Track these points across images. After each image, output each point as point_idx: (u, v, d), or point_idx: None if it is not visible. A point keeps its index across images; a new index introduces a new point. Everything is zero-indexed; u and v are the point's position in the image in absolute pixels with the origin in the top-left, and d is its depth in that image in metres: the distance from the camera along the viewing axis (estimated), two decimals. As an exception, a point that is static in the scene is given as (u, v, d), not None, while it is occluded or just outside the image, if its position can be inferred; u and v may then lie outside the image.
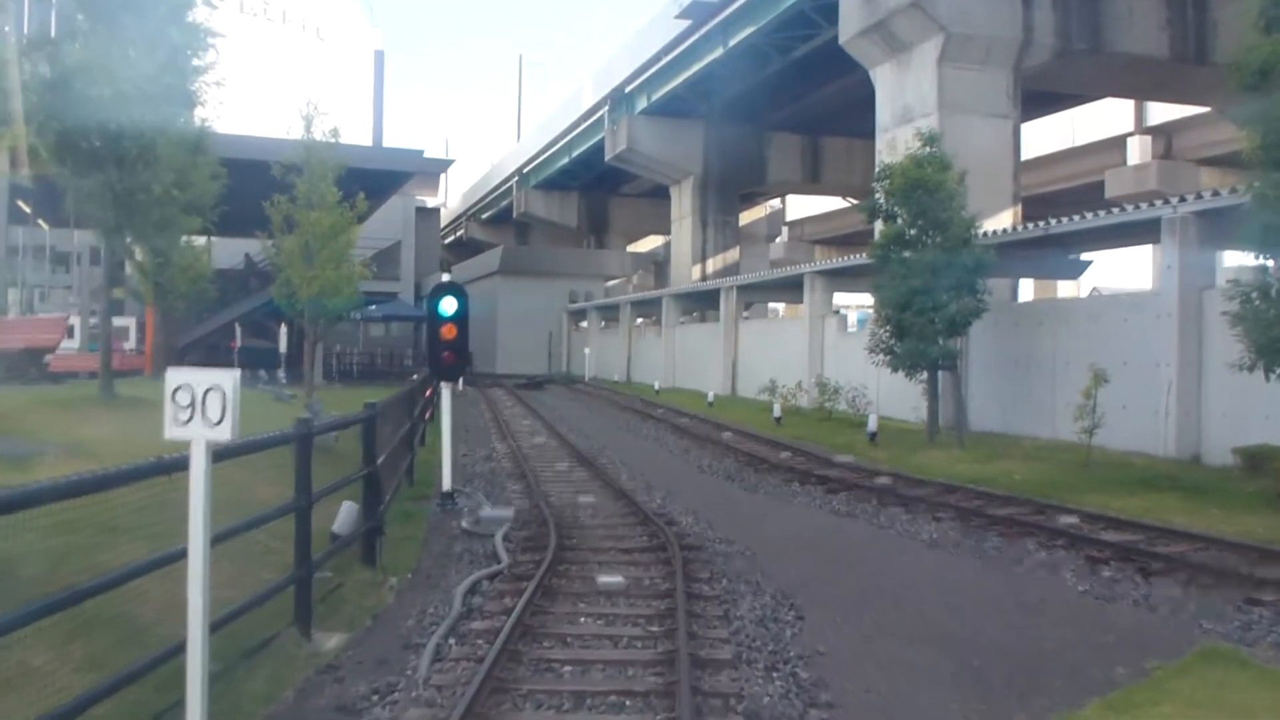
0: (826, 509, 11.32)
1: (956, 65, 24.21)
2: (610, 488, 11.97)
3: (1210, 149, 37.73)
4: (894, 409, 22.24)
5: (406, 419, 12.51)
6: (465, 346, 11.39)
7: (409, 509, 10.87)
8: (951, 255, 17.11)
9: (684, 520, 10.15)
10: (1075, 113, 40.40)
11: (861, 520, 10.65)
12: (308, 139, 23.91)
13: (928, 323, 17.10)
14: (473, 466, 14.63)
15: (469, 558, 8.49)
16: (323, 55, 64.81)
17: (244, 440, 5.11)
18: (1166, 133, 38.54)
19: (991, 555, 8.82)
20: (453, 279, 11.45)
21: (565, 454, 15.86)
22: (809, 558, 8.72)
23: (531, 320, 53.94)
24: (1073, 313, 18.65)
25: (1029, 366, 19.34)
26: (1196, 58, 26.32)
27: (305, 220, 23.38)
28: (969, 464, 15.50)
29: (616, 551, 8.40)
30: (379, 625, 6.51)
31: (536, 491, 11.40)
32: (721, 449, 17.11)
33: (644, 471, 14.26)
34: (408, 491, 12.09)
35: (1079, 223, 17.81)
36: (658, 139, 45.10)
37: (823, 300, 27.72)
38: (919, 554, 9.01)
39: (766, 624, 6.44)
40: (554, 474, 13.49)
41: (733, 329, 33.38)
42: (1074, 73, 27.16)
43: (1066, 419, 18.15)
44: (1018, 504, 11.20)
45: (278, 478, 8.76)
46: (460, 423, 22.49)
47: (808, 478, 13.29)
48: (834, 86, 37.76)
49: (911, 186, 17.30)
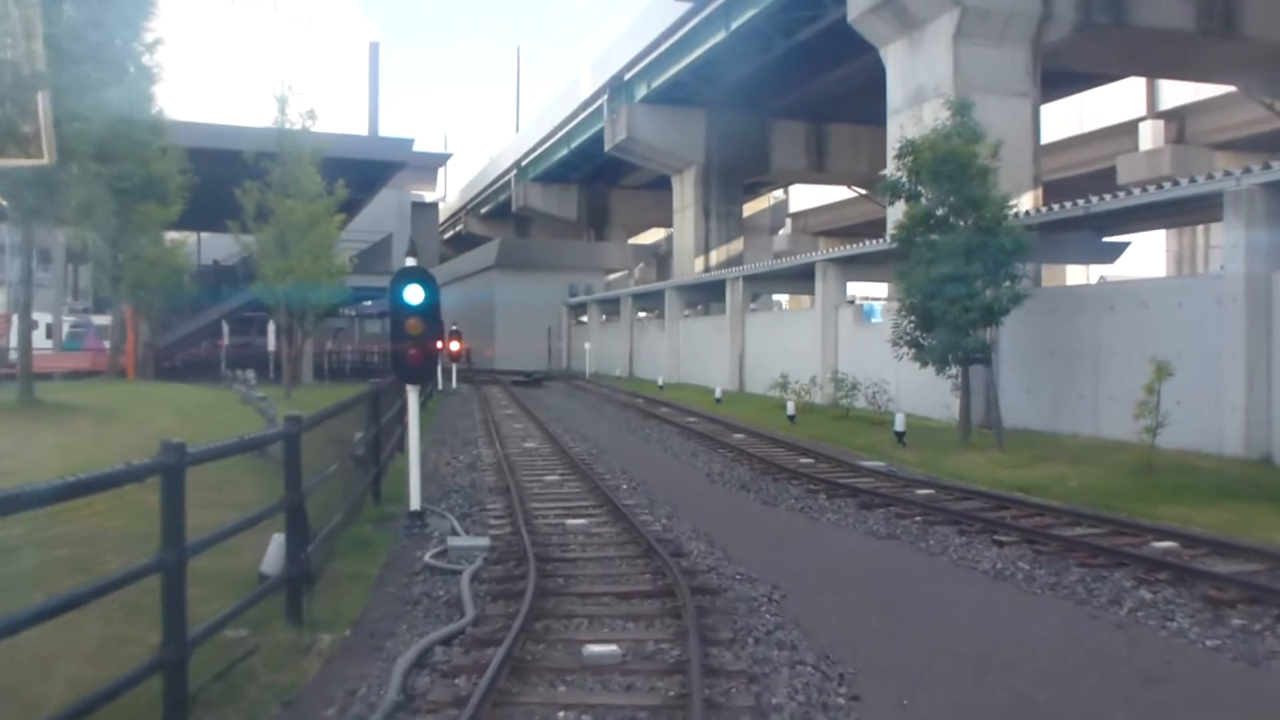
0: (862, 529, 9.59)
1: (973, 41, 22.97)
2: (607, 504, 10.26)
3: (1225, 133, 37.15)
4: (917, 405, 20.54)
5: (372, 424, 10.81)
6: (435, 343, 9.69)
7: (367, 534, 9.18)
8: (987, 237, 15.39)
9: (694, 548, 8.43)
10: (1084, 97, 39.52)
11: (905, 544, 8.93)
12: (282, 121, 22.19)
13: (961, 311, 15.39)
14: (452, 478, 12.93)
15: (427, 605, 6.79)
16: (315, 46, 63.25)
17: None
18: (1179, 117, 37.81)
19: (1078, 594, 7.10)
20: (419, 263, 9.72)
21: (558, 461, 14.15)
22: (852, 601, 7.01)
23: (530, 315, 52.27)
24: (1118, 298, 16.89)
25: (1068, 357, 17.61)
26: (1224, 31, 25.17)
27: (280, 209, 21.69)
28: (1012, 468, 13.81)
29: (612, 599, 6.69)
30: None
31: (520, 511, 9.69)
32: (733, 453, 15.40)
33: (646, 482, 12.56)
34: (372, 511, 10.41)
35: (1127, 200, 16.08)
36: (658, 128, 43.73)
37: (836, 290, 25.99)
38: (986, 592, 7.30)
39: (813, 713, 4.74)
40: (543, 487, 11.78)
41: (739, 322, 31.64)
42: (1094, 49, 26.08)
43: (1111, 414, 16.47)
44: (1088, 520, 9.49)
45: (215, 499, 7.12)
46: (448, 424, 20.84)
47: (835, 489, 11.58)
48: (840, 71, 36.83)
49: (941, 161, 15.55)
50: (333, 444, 8.24)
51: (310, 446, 6.64)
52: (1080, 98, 39.29)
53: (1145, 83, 37.26)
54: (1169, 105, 37.33)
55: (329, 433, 8.02)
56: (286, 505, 5.99)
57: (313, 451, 6.76)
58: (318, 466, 7.64)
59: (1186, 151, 37.16)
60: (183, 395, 18.74)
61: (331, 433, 8.52)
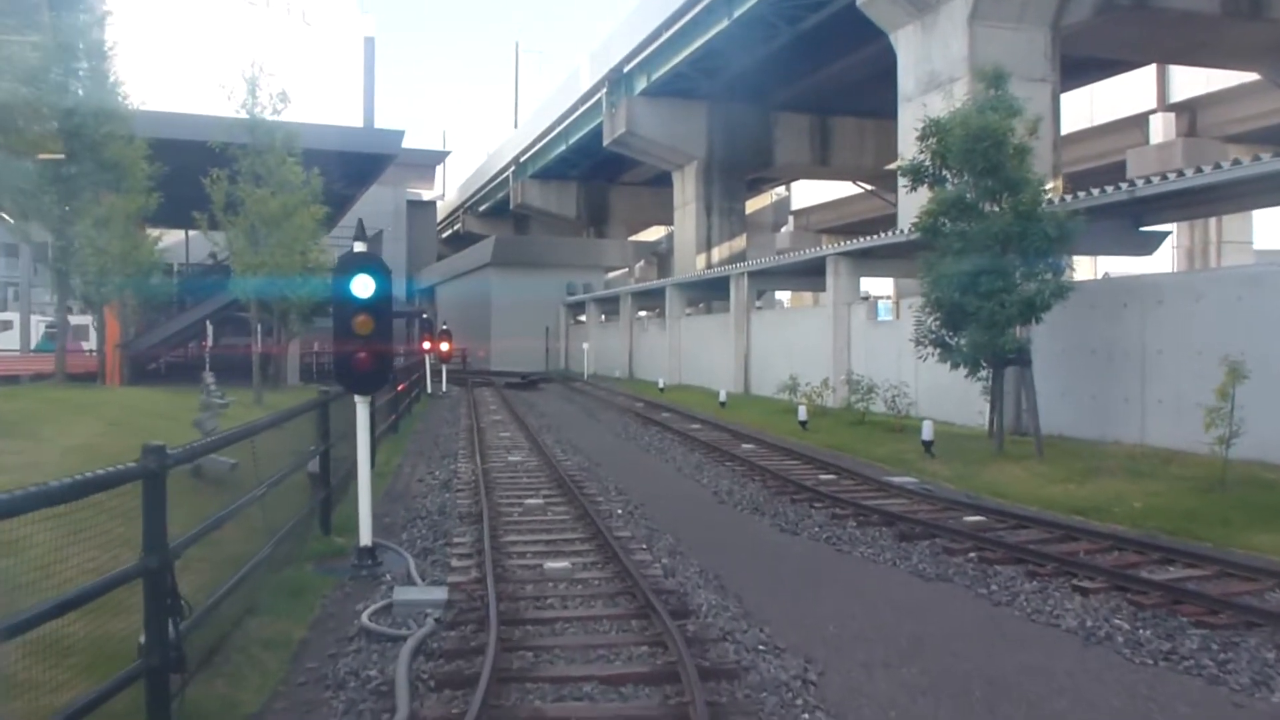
0: (905, 568, 7.93)
1: (989, 23, 21.89)
2: (596, 538, 8.57)
3: (1238, 125, 36.35)
4: (938, 409, 18.90)
5: (321, 440, 9.15)
6: (388, 344, 8.03)
7: (303, 578, 7.52)
8: (1027, 223, 13.74)
9: (704, 601, 6.76)
10: (1094, 89, 38.55)
11: (962, 589, 7.27)
12: (251, 105, 20.51)
13: (997, 307, 13.74)
14: (422, 499, 11.25)
15: (352, 692, 5.13)
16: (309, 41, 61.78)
17: None
18: (1191, 109, 36.92)
19: (1206, 669, 5.43)
20: (367, 248, 8.04)
21: (544, 479, 12.46)
22: (912, 681, 5.34)
23: (527, 315, 50.60)
24: (1168, 291, 15.23)
25: (1109, 357, 15.96)
26: (1250, 13, 24.15)
27: (249, 199, 20.02)
28: (1060, 483, 12.16)
29: (596, 685, 5.02)
30: None
31: (490, 549, 8.03)
32: (742, 466, 13.73)
33: (645, 503, 10.91)
34: (318, 544, 8.74)
35: (1182, 180, 14.39)
36: (659, 121, 42.27)
37: (848, 286, 24.32)
38: (1080, 663, 5.64)
39: None
40: (524, 513, 10.09)
41: (744, 320, 29.96)
42: (1115, 33, 25.28)
43: (1160, 420, 14.83)
44: (1182, 557, 7.82)
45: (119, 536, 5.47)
46: (429, 432, 19.19)
47: (864, 513, 9.91)
48: (845, 62, 35.86)
49: (973, 139, 13.87)
50: (272, 461, 6.60)
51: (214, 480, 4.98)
52: (1090, 89, 38.49)
53: (1156, 74, 36.53)
54: (1180, 97, 36.42)
55: (254, 452, 6.39)
56: (144, 570, 4.33)
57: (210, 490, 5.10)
58: (227, 502, 6.01)
59: (1199, 144, 36.17)
60: (138, 402, 17.10)
61: (260, 453, 6.90)
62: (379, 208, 63.28)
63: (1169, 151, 35.81)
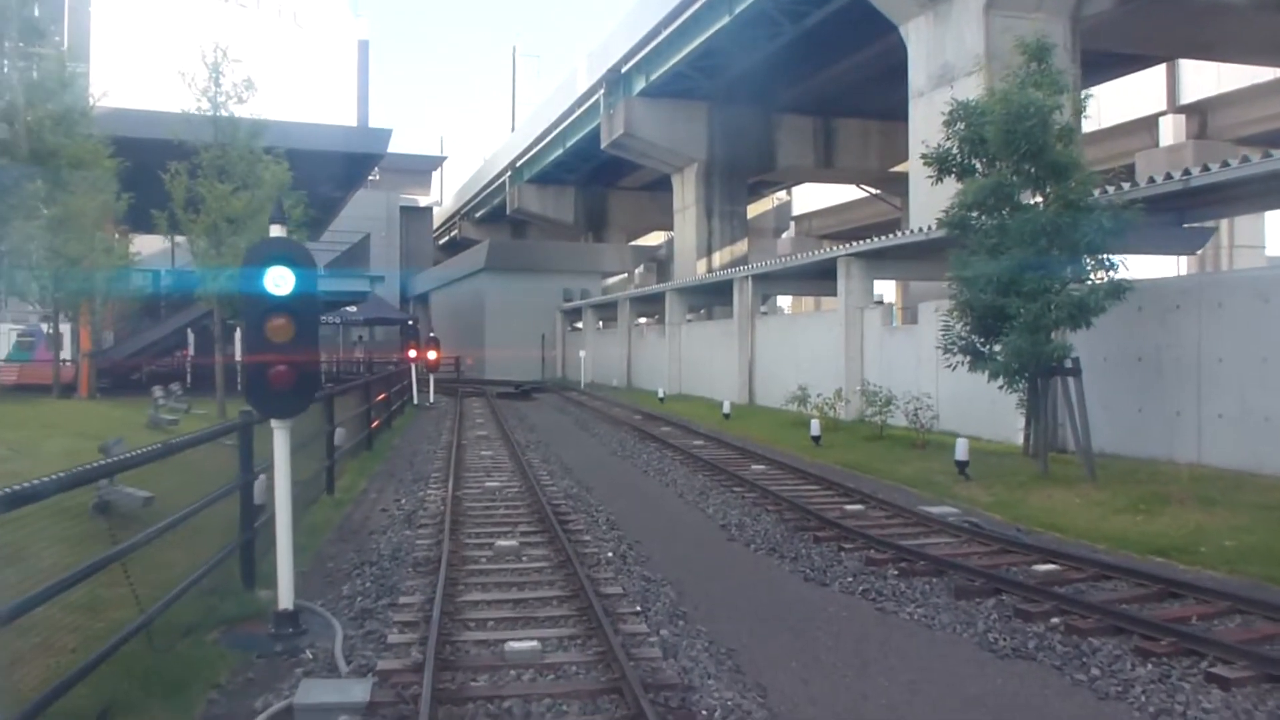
0: (968, 637, 6.22)
1: (1006, 14, 20.88)
2: (578, 597, 6.82)
3: (1249, 127, 35.30)
4: (963, 423, 17.22)
5: (243, 473, 7.44)
6: (312, 353, 6.33)
7: (199, 657, 5.78)
8: (1077, 214, 12.06)
9: (716, 701, 5.02)
10: (1102, 90, 37.08)
11: (1050, 671, 5.55)
12: (215, 93, 18.85)
13: (1043, 309, 12.06)
14: (377, 537, 9.52)
15: None
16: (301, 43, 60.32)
17: None
18: (1201, 111, 35.82)
19: None
20: (285, 234, 6.34)
21: (524, 511, 10.72)
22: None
23: (522, 321, 48.94)
24: (1227, 292, 13.55)
25: (1159, 366, 14.28)
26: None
27: (210, 195, 18.36)
28: (1122, 513, 10.47)
29: None
30: None
31: (441, 613, 6.29)
32: (754, 493, 12.01)
33: (640, 542, 9.20)
34: (234, 603, 7.02)
35: (1246, 167, 12.72)
36: (658, 122, 40.87)
37: (861, 289, 22.65)
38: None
39: None
40: (492, 559, 8.29)
41: (749, 326, 28.27)
42: (1136, 26, 24.33)
43: (1221, 437, 13.14)
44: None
45: None
46: (406, 449, 17.47)
47: (906, 558, 8.18)
48: (849, 61, 34.78)
49: (1015, 118, 12.19)
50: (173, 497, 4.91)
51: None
52: (1098, 90, 37.15)
53: (1166, 75, 35.43)
54: (1190, 99, 35.25)
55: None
56: None
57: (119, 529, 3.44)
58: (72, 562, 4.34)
59: (1210, 147, 34.92)
60: (77, 417, 15.45)
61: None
62: (374, 211, 61.78)
63: (1179, 154, 34.60)
